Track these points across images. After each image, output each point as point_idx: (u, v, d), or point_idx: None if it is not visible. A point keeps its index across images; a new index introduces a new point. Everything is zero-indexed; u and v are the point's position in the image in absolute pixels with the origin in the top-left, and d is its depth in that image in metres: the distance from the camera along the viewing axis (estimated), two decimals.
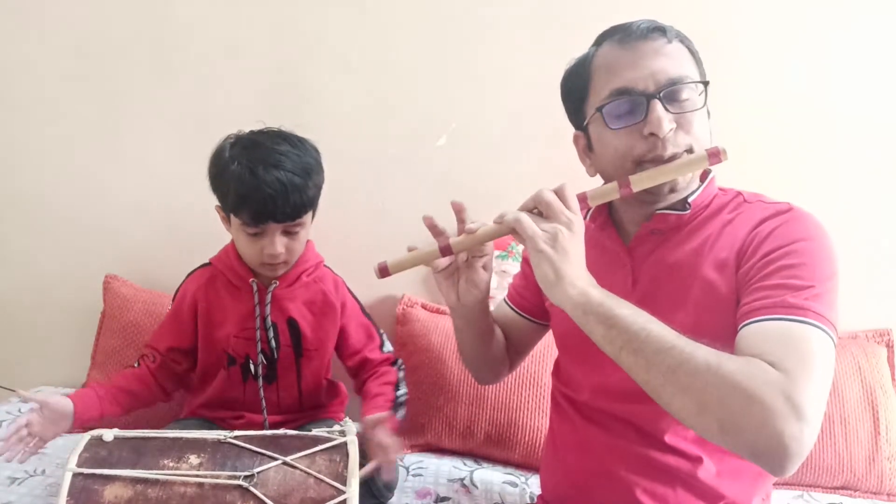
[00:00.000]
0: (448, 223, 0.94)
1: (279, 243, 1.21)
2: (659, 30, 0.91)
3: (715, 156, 0.85)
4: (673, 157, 0.88)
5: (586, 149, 1.01)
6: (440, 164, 1.63)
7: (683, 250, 0.93)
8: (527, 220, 0.82)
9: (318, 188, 1.27)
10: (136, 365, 1.31)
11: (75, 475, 0.74)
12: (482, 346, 1.15)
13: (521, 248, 1.58)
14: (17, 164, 1.69)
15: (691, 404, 0.72)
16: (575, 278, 0.80)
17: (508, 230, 0.85)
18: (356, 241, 1.63)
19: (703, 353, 0.72)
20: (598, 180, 1.00)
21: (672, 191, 0.92)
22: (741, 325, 0.81)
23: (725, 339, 0.80)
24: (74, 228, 1.71)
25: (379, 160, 1.63)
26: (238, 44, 1.61)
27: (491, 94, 1.59)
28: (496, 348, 1.18)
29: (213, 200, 1.30)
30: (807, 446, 0.68)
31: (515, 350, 1.24)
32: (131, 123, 1.66)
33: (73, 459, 0.76)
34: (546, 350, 1.49)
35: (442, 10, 1.57)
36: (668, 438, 0.92)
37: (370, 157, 1.63)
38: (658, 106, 0.87)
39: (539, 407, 1.48)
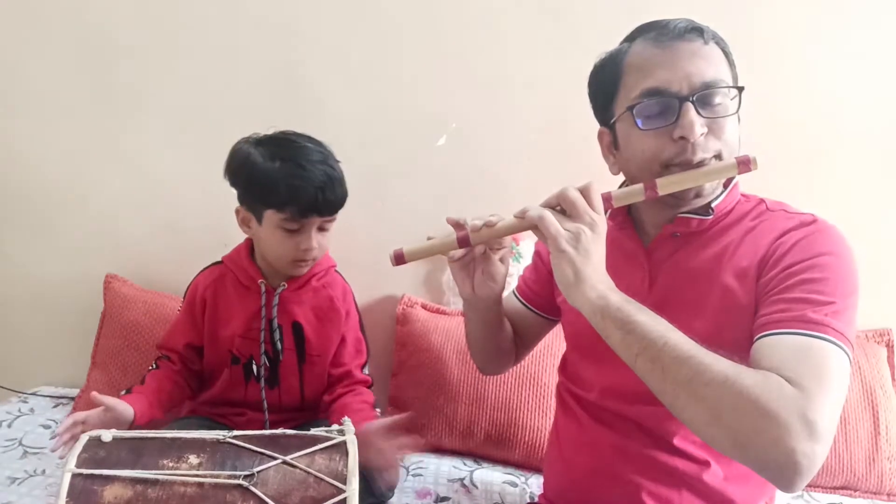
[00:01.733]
0: (462, 215, 0.93)
1: (315, 239, 1.24)
2: (696, 30, 0.88)
3: (745, 164, 0.84)
4: (702, 163, 0.87)
5: (611, 146, 0.99)
6: (440, 164, 1.63)
7: (704, 256, 0.92)
8: (550, 218, 0.81)
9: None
10: (153, 366, 1.31)
11: (74, 476, 0.73)
12: (491, 338, 1.15)
13: (521, 247, 1.59)
14: (17, 164, 1.70)
15: (705, 415, 0.71)
16: (595, 281, 0.79)
17: (530, 226, 0.84)
18: (356, 241, 1.63)
19: (720, 365, 0.71)
20: (619, 178, 1.00)
21: (697, 196, 0.91)
22: (758, 336, 0.80)
23: (742, 348, 0.80)
24: (74, 228, 1.72)
25: (379, 160, 1.63)
26: (238, 44, 1.61)
27: (491, 94, 1.59)
28: (504, 340, 1.18)
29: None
30: (817, 465, 0.68)
31: (522, 343, 1.23)
32: (132, 123, 1.66)
33: (72, 460, 0.75)
34: (546, 349, 1.49)
35: (442, 10, 1.56)
36: (677, 441, 0.91)
37: (370, 157, 1.63)
38: (690, 109, 0.85)
39: (539, 407, 1.48)
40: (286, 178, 1.19)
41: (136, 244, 1.72)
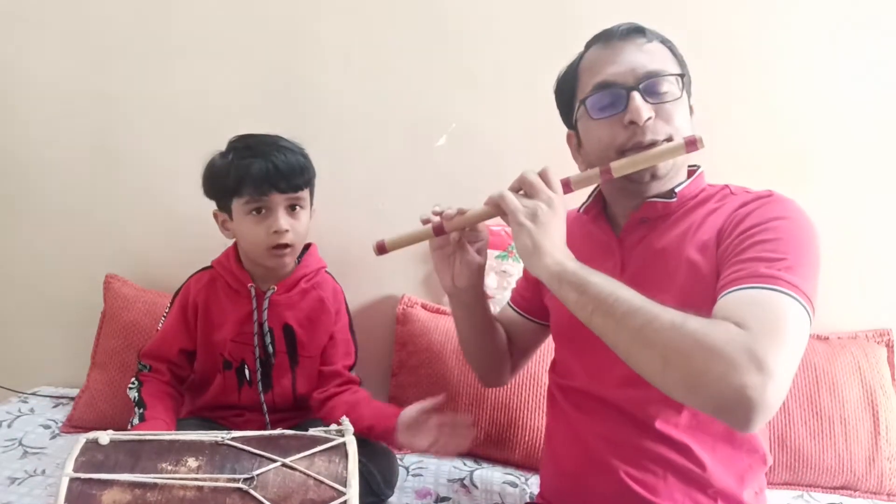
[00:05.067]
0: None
1: (284, 220, 1.23)
2: (638, 31, 0.97)
3: (692, 144, 0.89)
4: (653, 144, 0.93)
5: (577, 146, 1.07)
6: (440, 164, 1.62)
7: (669, 236, 0.97)
8: (510, 196, 0.89)
9: (314, 175, 1.30)
10: (136, 383, 1.28)
11: (72, 480, 0.73)
12: (482, 340, 1.18)
13: None
14: (16, 164, 1.69)
15: (656, 361, 0.75)
16: (552, 249, 0.85)
17: (495, 208, 0.91)
18: (356, 241, 1.62)
19: (669, 314, 0.76)
20: None
21: (654, 177, 0.96)
22: (718, 298, 0.83)
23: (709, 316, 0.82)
24: (74, 228, 1.71)
25: (379, 160, 1.63)
26: (238, 44, 1.61)
27: (491, 94, 1.59)
28: (498, 345, 1.21)
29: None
30: (771, 400, 0.69)
31: (519, 352, 1.27)
32: (131, 123, 1.66)
33: (70, 464, 0.75)
34: (547, 350, 1.48)
35: (441, 10, 1.56)
36: (659, 425, 0.93)
37: (370, 158, 1.62)
38: (637, 96, 0.92)
39: (539, 407, 1.48)
40: (235, 162, 1.23)
41: (136, 244, 1.71)
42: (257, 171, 1.21)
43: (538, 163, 1.57)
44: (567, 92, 1.05)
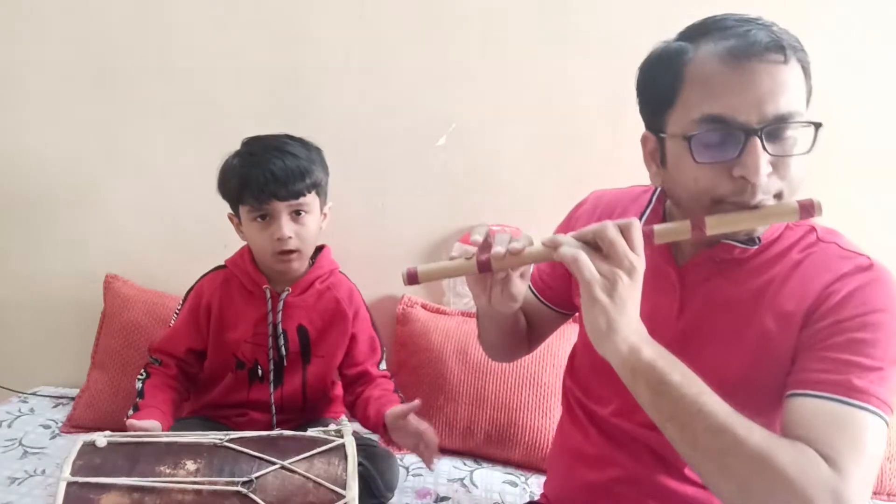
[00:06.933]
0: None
1: (287, 227, 1.23)
2: (777, 47, 0.75)
3: (807, 210, 0.74)
4: (759, 205, 0.76)
5: (656, 155, 0.87)
6: (440, 164, 1.62)
7: (743, 288, 0.84)
8: (585, 261, 0.73)
9: (323, 176, 1.30)
10: (143, 374, 1.29)
11: (70, 484, 0.73)
12: (504, 335, 1.09)
13: None
14: (17, 164, 1.69)
15: (734, 489, 0.69)
16: (628, 332, 0.73)
17: (559, 261, 0.76)
18: (356, 241, 1.62)
19: (755, 438, 0.68)
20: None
21: (747, 234, 0.82)
22: (797, 392, 0.75)
23: (773, 394, 0.78)
24: (74, 228, 1.71)
25: (379, 160, 1.63)
26: (239, 44, 1.60)
27: (491, 94, 1.58)
28: (518, 333, 1.12)
29: (214, 200, 1.30)
30: None
31: (536, 334, 1.16)
32: (132, 123, 1.66)
33: (67, 468, 0.75)
34: (546, 350, 1.49)
35: (442, 11, 1.56)
36: (689, 471, 0.89)
37: (370, 158, 1.62)
38: (757, 146, 0.74)
39: (539, 407, 1.48)
40: (238, 168, 1.23)
41: (136, 244, 1.71)
42: (255, 180, 1.20)
43: (538, 163, 1.59)
44: (661, 91, 0.82)
